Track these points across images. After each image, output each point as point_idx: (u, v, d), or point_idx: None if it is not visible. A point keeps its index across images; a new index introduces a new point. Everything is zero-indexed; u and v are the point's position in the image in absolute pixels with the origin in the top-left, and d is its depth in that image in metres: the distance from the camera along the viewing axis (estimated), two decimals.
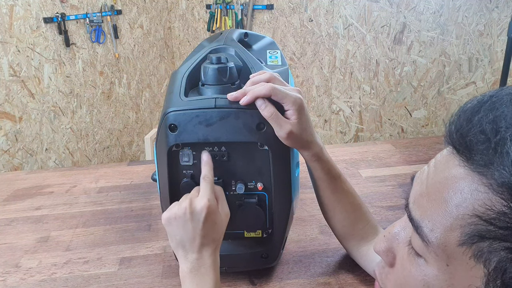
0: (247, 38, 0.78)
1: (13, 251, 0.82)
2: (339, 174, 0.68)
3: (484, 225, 0.29)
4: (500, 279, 0.30)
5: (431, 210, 0.33)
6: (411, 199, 0.36)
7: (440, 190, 0.32)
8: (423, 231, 0.33)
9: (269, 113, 0.58)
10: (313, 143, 0.63)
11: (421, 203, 0.34)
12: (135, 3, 2.54)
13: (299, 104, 0.59)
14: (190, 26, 2.82)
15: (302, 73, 2.75)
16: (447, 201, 0.31)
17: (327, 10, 2.58)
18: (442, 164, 0.34)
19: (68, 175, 1.12)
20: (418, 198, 0.35)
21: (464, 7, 2.47)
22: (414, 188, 0.36)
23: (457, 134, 0.32)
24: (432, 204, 0.33)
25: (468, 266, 0.31)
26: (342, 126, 2.84)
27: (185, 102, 0.59)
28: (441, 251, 0.32)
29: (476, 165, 0.30)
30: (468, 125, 0.31)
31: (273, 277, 0.71)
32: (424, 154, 1.15)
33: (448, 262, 0.32)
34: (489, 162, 0.29)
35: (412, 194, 0.36)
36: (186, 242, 0.56)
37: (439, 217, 0.32)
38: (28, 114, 2.00)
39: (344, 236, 0.71)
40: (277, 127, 0.58)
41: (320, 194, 0.69)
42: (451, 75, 2.63)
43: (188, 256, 0.56)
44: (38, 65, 2.01)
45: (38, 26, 1.99)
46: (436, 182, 0.33)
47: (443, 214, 0.32)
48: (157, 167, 0.64)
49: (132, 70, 2.58)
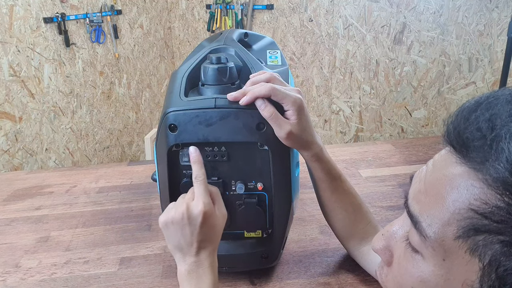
0: (247, 38, 0.78)
1: (13, 251, 0.82)
2: (339, 174, 0.67)
3: (479, 219, 0.30)
4: (494, 273, 0.30)
5: (429, 205, 0.34)
6: (410, 195, 0.37)
7: (438, 186, 0.33)
8: (421, 226, 0.34)
9: (268, 113, 0.58)
10: (313, 144, 0.63)
11: (420, 199, 0.35)
12: (135, 3, 2.54)
13: (299, 104, 0.59)
14: (190, 26, 2.82)
15: (302, 73, 2.75)
16: (444, 197, 0.32)
17: (327, 10, 2.58)
18: (440, 162, 0.35)
19: (68, 175, 1.12)
20: (417, 195, 0.36)
21: (464, 7, 2.47)
22: (413, 185, 0.37)
23: (455, 132, 0.33)
24: (430, 200, 0.34)
25: (464, 261, 0.32)
26: (342, 126, 2.84)
27: (185, 102, 0.59)
28: (438, 245, 0.33)
29: (472, 162, 0.31)
30: (465, 123, 0.32)
31: (273, 277, 0.71)
32: (424, 154, 1.15)
33: (444, 257, 0.33)
34: (485, 159, 0.30)
35: (411, 191, 0.37)
36: (184, 246, 0.56)
37: (436, 212, 0.33)
38: (28, 114, 2.00)
39: (344, 236, 0.71)
40: (277, 127, 0.58)
41: (320, 194, 0.69)
42: (451, 75, 2.63)
43: (186, 259, 0.56)
44: (38, 65, 2.01)
45: (38, 26, 1.99)
46: (434, 179, 0.34)
47: (441, 209, 0.32)
48: (157, 167, 0.64)
49: (132, 70, 2.58)
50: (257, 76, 0.62)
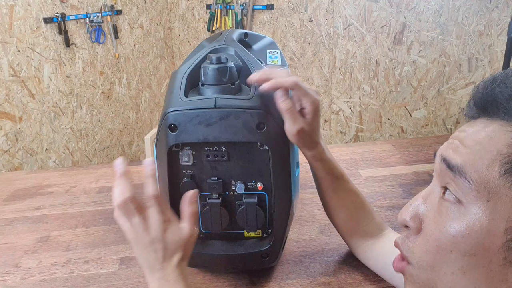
0: (247, 38, 0.78)
1: (13, 251, 0.82)
2: (342, 173, 0.68)
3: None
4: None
5: (471, 154, 0.37)
6: (447, 153, 0.39)
7: (476, 138, 0.37)
8: (466, 172, 0.37)
9: (287, 106, 0.58)
10: (317, 144, 0.64)
11: (460, 152, 0.38)
12: (135, 3, 2.54)
13: (317, 105, 0.60)
14: (190, 26, 2.82)
15: (302, 73, 2.74)
16: (484, 145, 0.36)
17: (327, 10, 2.58)
18: (471, 126, 0.39)
19: (68, 175, 1.12)
20: (455, 149, 0.39)
21: (464, 7, 2.47)
22: (447, 147, 0.40)
23: (484, 98, 0.38)
24: (471, 150, 0.37)
25: (508, 198, 0.34)
26: (342, 126, 2.84)
27: (185, 102, 0.59)
28: (483, 188, 0.35)
29: (503, 116, 0.36)
30: (493, 84, 0.38)
31: (273, 277, 0.71)
32: (424, 154, 1.15)
33: (488, 198, 0.35)
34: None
35: (446, 150, 0.40)
36: (149, 265, 0.54)
37: (478, 157, 0.36)
38: (28, 114, 2.00)
39: (347, 234, 0.72)
40: (290, 121, 0.59)
41: (323, 193, 0.69)
42: (451, 75, 2.63)
43: (154, 275, 0.54)
44: (38, 65, 2.01)
45: (38, 26, 1.99)
46: (470, 135, 0.38)
47: (483, 154, 0.36)
48: (157, 167, 0.64)
49: (132, 70, 2.58)
50: (279, 70, 0.61)
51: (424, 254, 0.40)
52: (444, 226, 0.38)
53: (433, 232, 0.39)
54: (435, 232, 0.39)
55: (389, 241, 0.67)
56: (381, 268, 0.67)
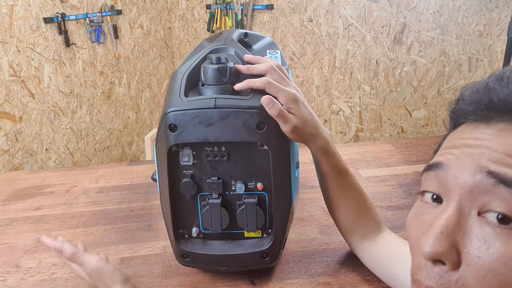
0: (247, 38, 0.78)
1: (13, 251, 0.82)
2: (346, 169, 0.68)
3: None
4: None
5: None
6: (494, 166, 0.32)
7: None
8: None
9: (276, 112, 0.58)
10: (317, 137, 0.64)
11: (506, 162, 0.32)
12: (135, 3, 2.54)
13: (293, 98, 0.60)
14: (190, 26, 2.82)
15: (302, 73, 2.75)
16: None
17: (327, 10, 2.58)
18: (494, 135, 0.34)
19: (68, 175, 1.12)
20: (497, 162, 0.32)
21: (464, 7, 2.47)
22: (483, 159, 0.33)
23: (505, 94, 0.34)
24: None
25: None
26: (342, 126, 2.84)
27: (185, 102, 0.59)
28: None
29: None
30: (498, 85, 0.35)
31: (273, 277, 0.71)
32: (424, 154, 1.15)
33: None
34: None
35: (488, 163, 0.33)
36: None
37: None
38: (28, 114, 2.00)
39: (347, 231, 0.71)
40: (283, 122, 0.59)
41: (326, 188, 0.69)
42: (451, 75, 2.63)
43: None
44: (38, 65, 2.01)
45: (38, 26, 1.99)
46: (502, 143, 0.33)
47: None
48: (157, 167, 0.64)
49: (132, 70, 2.58)
50: (256, 65, 0.63)
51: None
52: (495, 255, 0.31)
53: (481, 265, 0.31)
54: (481, 268, 0.31)
55: (386, 244, 0.67)
56: (379, 271, 0.67)
